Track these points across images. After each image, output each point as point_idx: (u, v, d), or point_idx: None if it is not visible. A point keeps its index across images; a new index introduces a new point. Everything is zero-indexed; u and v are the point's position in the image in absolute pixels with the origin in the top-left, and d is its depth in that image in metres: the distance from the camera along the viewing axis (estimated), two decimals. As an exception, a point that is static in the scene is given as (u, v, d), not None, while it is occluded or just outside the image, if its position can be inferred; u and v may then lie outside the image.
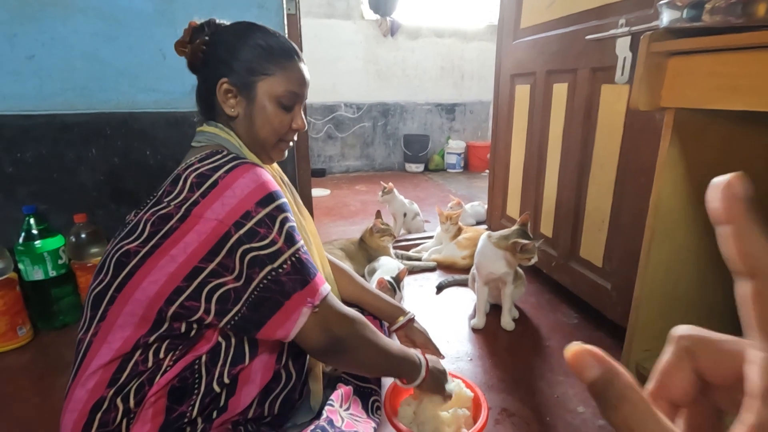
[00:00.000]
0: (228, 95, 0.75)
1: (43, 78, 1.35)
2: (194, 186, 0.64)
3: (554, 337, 1.37)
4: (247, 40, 0.75)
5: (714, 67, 0.72)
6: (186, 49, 0.76)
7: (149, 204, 0.67)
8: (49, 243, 1.34)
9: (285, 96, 0.77)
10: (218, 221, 0.62)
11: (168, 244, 0.63)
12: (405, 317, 1.04)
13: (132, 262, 0.64)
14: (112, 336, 0.63)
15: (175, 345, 0.65)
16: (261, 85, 0.75)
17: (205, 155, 0.68)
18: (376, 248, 1.81)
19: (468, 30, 4.26)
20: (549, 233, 1.67)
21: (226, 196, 0.63)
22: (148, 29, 1.40)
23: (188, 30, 0.77)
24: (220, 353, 0.67)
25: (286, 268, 0.65)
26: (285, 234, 0.65)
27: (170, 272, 0.62)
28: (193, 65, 0.78)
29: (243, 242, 0.63)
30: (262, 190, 0.65)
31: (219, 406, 0.68)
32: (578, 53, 1.41)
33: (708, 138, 0.88)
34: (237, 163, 0.66)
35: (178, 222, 0.63)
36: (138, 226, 0.65)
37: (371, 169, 4.34)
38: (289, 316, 0.65)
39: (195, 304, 0.64)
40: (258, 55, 0.75)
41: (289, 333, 0.66)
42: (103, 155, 1.44)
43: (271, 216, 0.65)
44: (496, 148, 2.06)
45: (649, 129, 1.15)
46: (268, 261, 0.64)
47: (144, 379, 0.63)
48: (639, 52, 0.80)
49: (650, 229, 0.91)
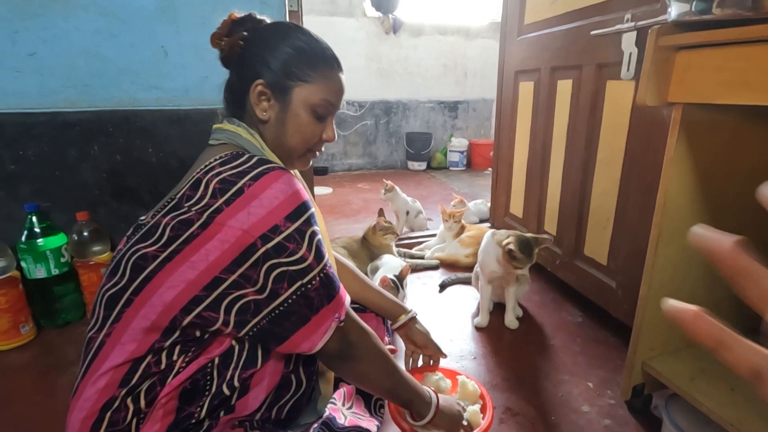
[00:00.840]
0: (261, 97, 0.71)
1: (44, 75, 1.35)
2: (217, 192, 0.61)
3: (558, 336, 1.36)
4: (290, 41, 0.72)
5: (723, 61, 0.70)
6: (222, 42, 0.73)
7: (167, 207, 0.64)
8: (51, 241, 1.33)
9: (321, 105, 0.73)
10: (243, 231, 0.60)
11: (188, 250, 0.60)
12: (407, 316, 1.03)
13: (150, 267, 0.61)
14: (126, 337, 0.62)
15: (188, 347, 0.64)
16: (298, 91, 0.71)
17: (226, 158, 0.65)
18: (379, 246, 1.80)
19: (471, 27, 4.24)
20: (553, 231, 1.66)
21: (253, 206, 0.60)
22: (150, 26, 1.39)
23: (227, 22, 0.73)
24: (233, 356, 0.66)
25: (315, 284, 0.64)
26: (314, 249, 0.64)
27: (190, 280, 0.60)
28: (227, 59, 0.75)
29: (270, 256, 0.61)
30: (291, 203, 0.62)
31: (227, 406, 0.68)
32: (583, 49, 1.39)
33: (716, 134, 0.86)
34: (264, 170, 0.62)
35: (200, 229, 0.60)
36: (156, 229, 0.63)
37: (374, 168, 4.33)
38: (316, 330, 0.64)
39: (213, 315, 0.62)
40: (299, 60, 0.71)
41: (315, 346, 0.65)
42: (104, 153, 1.44)
43: (300, 231, 0.62)
44: (500, 145, 2.05)
45: (655, 125, 1.14)
46: (297, 277, 0.62)
47: (156, 380, 0.62)
48: (647, 46, 0.78)
49: (657, 226, 0.90)
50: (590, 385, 1.13)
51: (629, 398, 1.01)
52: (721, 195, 0.92)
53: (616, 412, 1.04)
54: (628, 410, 1.04)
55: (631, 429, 0.99)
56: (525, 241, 1.28)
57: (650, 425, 1.00)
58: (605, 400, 1.07)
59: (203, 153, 0.73)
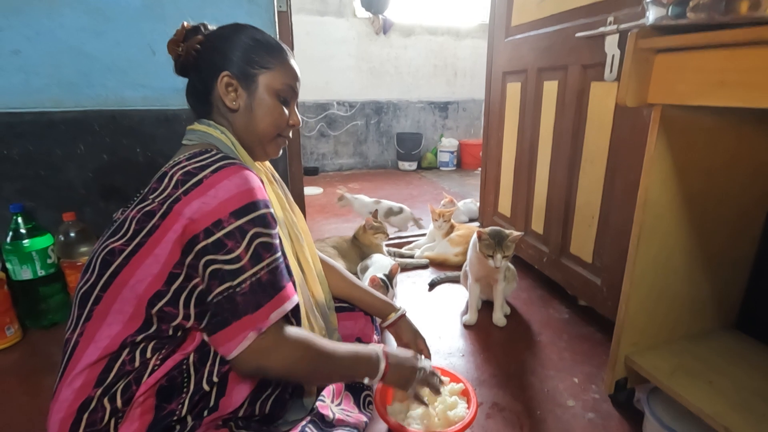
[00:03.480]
0: (229, 88, 0.75)
1: (28, 73, 1.33)
2: (179, 183, 0.64)
3: (545, 333, 1.38)
4: (245, 34, 0.77)
5: (700, 63, 0.72)
6: (179, 48, 0.76)
7: (136, 201, 0.67)
8: (37, 242, 1.32)
9: (284, 90, 0.78)
10: (191, 220, 0.61)
11: (151, 242, 0.62)
12: (396, 314, 1.04)
13: (117, 261, 0.63)
14: (99, 334, 0.63)
15: (161, 344, 0.65)
16: (262, 78, 0.76)
17: (193, 153, 0.68)
18: (369, 246, 1.81)
19: (461, 28, 4.26)
20: (540, 230, 1.68)
21: (208, 196, 0.62)
22: (137, 24, 1.38)
23: (181, 30, 0.77)
24: (209, 352, 0.67)
25: (244, 288, 0.62)
26: (252, 251, 0.63)
27: (155, 273, 0.62)
28: (184, 65, 0.78)
29: (208, 251, 0.62)
30: (242, 198, 0.63)
31: (209, 405, 0.68)
32: (569, 50, 1.42)
33: (695, 134, 0.89)
34: (225, 164, 0.65)
35: (160, 219, 0.62)
36: (124, 224, 0.65)
37: (364, 167, 4.34)
38: (233, 337, 0.62)
39: (173, 311, 0.64)
40: (258, 49, 0.76)
41: (229, 353, 0.63)
42: (91, 152, 1.43)
43: (242, 229, 0.62)
44: (488, 145, 2.07)
45: (637, 125, 1.16)
46: (228, 277, 0.62)
47: (131, 379, 0.63)
48: (626, 48, 0.80)
49: (638, 224, 0.92)
50: (575, 381, 1.15)
51: (613, 392, 1.03)
52: (701, 193, 0.94)
53: (600, 406, 1.06)
54: (611, 404, 1.06)
55: (615, 422, 1.01)
56: (496, 230, 1.32)
57: (633, 418, 1.02)
58: (590, 395, 1.10)
59: (177, 152, 0.75)
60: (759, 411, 0.83)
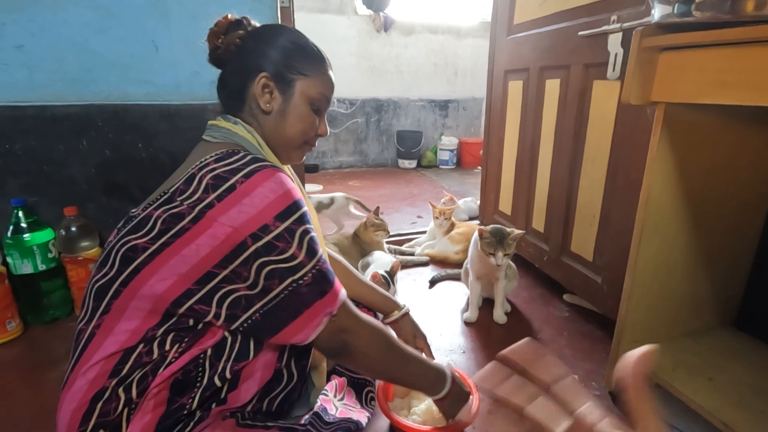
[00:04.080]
0: (265, 90, 0.74)
1: (32, 69, 1.33)
2: (209, 188, 0.62)
3: (546, 330, 1.39)
4: (288, 37, 0.76)
5: (704, 62, 0.73)
6: (219, 40, 0.75)
7: (160, 201, 0.65)
8: (38, 236, 1.32)
9: (318, 99, 0.78)
10: (233, 229, 0.60)
11: (179, 243, 0.61)
12: (400, 312, 1.04)
13: (139, 258, 0.62)
14: (118, 328, 0.63)
15: (180, 337, 0.65)
16: (299, 84, 0.75)
17: (222, 155, 0.66)
18: (370, 243, 1.81)
19: (462, 26, 4.26)
20: (541, 228, 1.69)
21: (244, 204, 0.61)
22: (141, 20, 1.38)
23: (224, 22, 0.76)
24: (225, 348, 0.67)
25: (307, 279, 0.64)
26: (306, 247, 0.64)
27: (181, 273, 0.61)
28: (221, 57, 0.77)
29: (261, 255, 0.62)
30: (282, 202, 0.63)
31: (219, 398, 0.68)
32: (571, 49, 1.42)
33: (698, 133, 0.89)
34: (257, 167, 0.64)
35: (191, 223, 0.61)
36: (147, 221, 0.64)
37: (364, 165, 4.34)
38: (308, 323, 0.65)
39: (205, 308, 0.63)
40: (299, 54, 0.76)
41: (307, 338, 0.66)
42: (93, 148, 1.43)
43: (290, 230, 0.63)
44: (489, 143, 2.07)
45: (639, 124, 1.17)
46: (288, 274, 0.63)
47: (147, 370, 0.63)
48: (631, 46, 0.81)
49: (640, 223, 0.92)
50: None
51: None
52: (702, 191, 0.95)
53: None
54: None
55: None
56: (498, 229, 1.33)
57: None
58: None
59: (197, 148, 0.74)
60: (758, 408, 0.84)
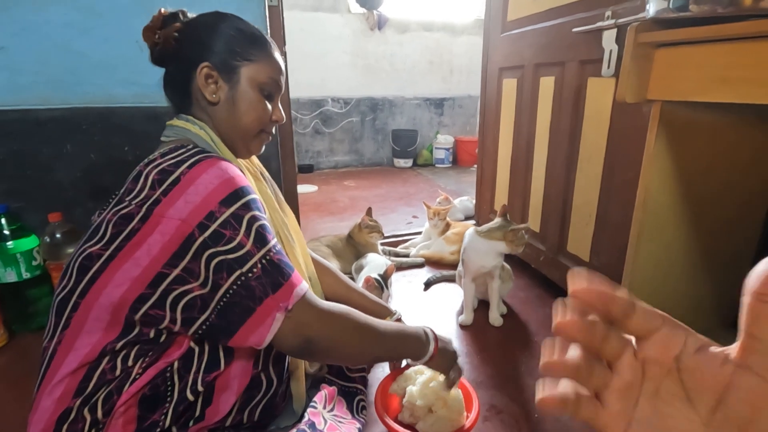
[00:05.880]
0: (209, 80, 0.71)
1: (13, 71, 1.29)
2: (155, 183, 0.60)
3: (543, 333, 1.37)
4: (228, 23, 0.73)
5: (702, 58, 0.70)
6: (156, 36, 0.72)
7: (111, 203, 0.64)
8: (22, 243, 1.29)
9: (268, 83, 0.75)
10: (181, 221, 0.58)
11: (131, 246, 0.59)
12: (392, 318, 1.02)
13: (95, 266, 0.60)
14: (79, 342, 0.60)
15: (144, 351, 0.62)
16: (244, 70, 0.73)
17: (168, 150, 0.65)
18: (364, 245, 1.79)
19: (456, 24, 4.23)
20: (537, 228, 1.66)
21: (189, 194, 0.59)
22: (126, 20, 1.35)
23: (158, 16, 0.73)
24: (193, 359, 0.64)
25: (256, 272, 0.61)
26: (254, 234, 0.61)
27: (134, 277, 0.59)
28: (161, 54, 0.74)
29: (208, 246, 0.59)
30: (226, 187, 0.61)
31: (195, 415, 0.65)
32: (566, 46, 1.40)
33: (696, 131, 0.87)
34: (200, 158, 0.62)
35: (140, 222, 0.59)
36: (100, 227, 0.62)
37: (360, 165, 4.31)
38: (262, 322, 0.61)
39: (160, 313, 0.60)
40: (241, 40, 0.73)
41: (263, 339, 0.62)
42: (79, 151, 1.39)
43: (237, 216, 0.60)
44: (484, 142, 2.05)
45: (635, 122, 1.14)
46: (236, 265, 0.60)
47: (112, 388, 0.60)
48: (626, 42, 0.78)
49: (638, 223, 0.90)
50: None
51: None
52: (701, 191, 0.93)
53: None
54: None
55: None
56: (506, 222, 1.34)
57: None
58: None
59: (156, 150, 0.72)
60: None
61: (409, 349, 0.79)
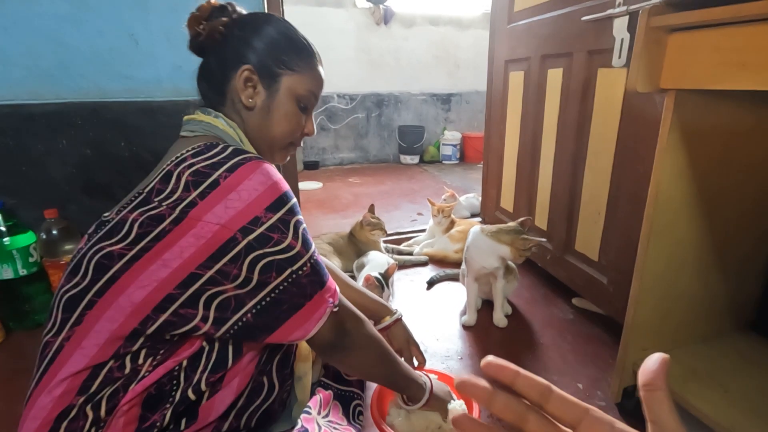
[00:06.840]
0: (248, 83, 0.69)
1: (4, 64, 1.27)
2: (190, 185, 0.58)
3: (548, 334, 1.32)
4: (277, 27, 0.71)
5: (719, 42, 0.65)
6: (200, 26, 0.69)
7: (135, 202, 0.60)
8: (18, 240, 1.27)
9: (306, 96, 0.73)
10: (221, 226, 0.56)
11: (160, 247, 0.57)
12: (392, 317, 0.99)
13: (116, 266, 0.57)
14: (87, 342, 0.57)
15: (155, 350, 0.59)
16: (286, 79, 0.71)
17: (200, 149, 0.61)
18: (366, 242, 1.75)
19: (463, 18, 4.17)
20: (544, 225, 1.61)
21: (230, 200, 0.57)
22: (119, 12, 1.32)
23: (207, 7, 0.70)
24: (201, 358, 0.62)
25: (306, 270, 0.62)
26: (301, 238, 0.62)
27: (161, 278, 0.56)
28: (203, 45, 0.71)
29: (254, 248, 0.58)
30: (271, 193, 0.60)
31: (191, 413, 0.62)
32: (574, 36, 1.34)
33: (712, 122, 0.81)
34: (240, 160, 0.59)
35: (172, 224, 0.57)
36: (122, 226, 0.58)
37: (365, 162, 4.27)
38: (310, 316, 0.63)
39: (191, 311, 0.58)
40: (288, 48, 0.71)
41: (308, 333, 0.63)
42: (73, 147, 1.37)
43: (284, 221, 0.60)
44: (490, 137, 2.00)
45: (647, 114, 1.09)
46: (286, 264, 0.60)
47: (119, 386, 0.57)
48: (638, 27, 0.73)
49: (649, 220, 0.85)
50: (580, 387, 1.09)
51: (620, 401, 0.97)
52: (717, 187, 0.87)
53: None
54: (618, 412, 1.00)
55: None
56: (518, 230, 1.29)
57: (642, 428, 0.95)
58: (595, 402, 1.03)
59: (174, 145, 0.69)
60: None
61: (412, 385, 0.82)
